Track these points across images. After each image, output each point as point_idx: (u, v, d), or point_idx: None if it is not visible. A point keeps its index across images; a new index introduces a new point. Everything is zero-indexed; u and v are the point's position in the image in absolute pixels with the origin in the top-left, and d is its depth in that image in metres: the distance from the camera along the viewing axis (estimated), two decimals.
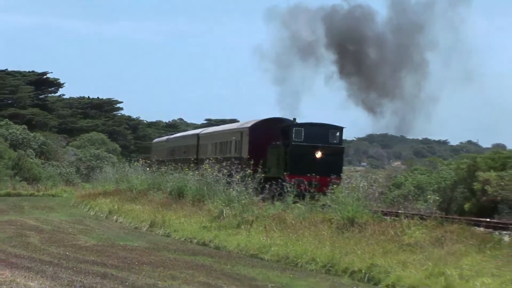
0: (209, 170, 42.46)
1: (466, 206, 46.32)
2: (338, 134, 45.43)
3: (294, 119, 47.32)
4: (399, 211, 33.05)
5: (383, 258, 24.14)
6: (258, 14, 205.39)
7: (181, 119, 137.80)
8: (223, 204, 36.41)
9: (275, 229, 30.87)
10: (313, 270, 25.56)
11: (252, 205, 35.31)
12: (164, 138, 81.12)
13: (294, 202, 34.89)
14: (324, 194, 39.91)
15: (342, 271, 24.72)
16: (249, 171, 39.51)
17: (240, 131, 52.12)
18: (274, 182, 37.98)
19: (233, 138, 52.90)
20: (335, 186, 33.47)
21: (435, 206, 42.83)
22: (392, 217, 30.14)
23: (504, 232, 25.39)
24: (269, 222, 31.98)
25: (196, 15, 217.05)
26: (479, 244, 23.33)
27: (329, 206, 31.76)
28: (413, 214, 30.98)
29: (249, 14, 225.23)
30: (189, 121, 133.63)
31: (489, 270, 20.89)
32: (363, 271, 23.91)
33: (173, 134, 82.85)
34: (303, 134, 45.03)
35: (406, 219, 27.82)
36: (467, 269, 21.22)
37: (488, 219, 32.83)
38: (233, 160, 48.43)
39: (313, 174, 40.65)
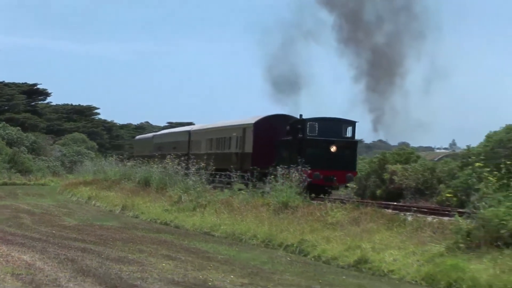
0: (170, 163, 42.18)
1: (378, 192, 46.66)
2: (351, 128, 37.39)
3: (301, 115, 39.41)
4: (324, 197, 33.17)
5: (311, 235, 24.27)
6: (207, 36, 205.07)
7: (147, 122, 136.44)
8: (182, 191, 36.22)
9: (224, 211, 30.81)
10: (255, 245, 25.55)
11: (205, 192, 35.19)
12: (150, 135, 73.13)
13: (239, 190, 34.83)
14: (337, 188, 38.43)
15: (278, 245, 24.75)
16: (203, 164, 39.09)
17: (242, 127, 43.43)
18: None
19: (234, 134, 44.49)
20: (270, 176, 31.65)
21: (353, 192, 43.10)
22: (318, 202, 30.22)
23: (408, 213, 25.53)
24: (219, 206, 31.92)
25: (159, 38, 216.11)
26: (388, 223, 23.47)
27: (268, 192, 31.71)
28: (335, 199, 31.06)
29: (203, 37, 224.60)
30: (154, 123, 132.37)
31: (396, 244, 21.06)
32: (295, 245, 23.97)
33: (159, 132, 75.35)
34: (317, 129, 36.96)
35: (330, 203, 27.89)
36: (378, 243, 21.37)
37: (395, 203, 33.05)
38: (234, 155, 43.07)
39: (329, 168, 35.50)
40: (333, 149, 36.13)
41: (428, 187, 42.95)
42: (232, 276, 17.43)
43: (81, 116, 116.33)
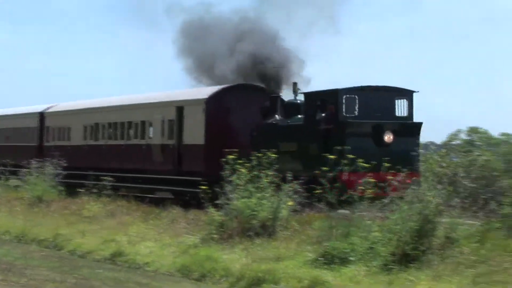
0: None
1: None
2: (406, 102, 22.96)
3: (295, 83, 25.52)
4: (81, 190, 32.29)
5: (66, 229, 23.66)
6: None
7: None
8: None
9: None
10: (8, 240, 24.51)
11: None
12: None
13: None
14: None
15: (31, 240, 23.93)
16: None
17: (177, 106, 28.16)
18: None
19: (157, 117, 29.13)
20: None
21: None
22: (74, 196, 29.48)
23: (163, 205, 25.41)
24: None
25: None
26: (144, 216, 23.48)
27: (22, 186, 30.60)
28: (92, 192, 30.30)
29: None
30: None
31: (152, 236, 20.99)
32: (50, 239, 23.30)
33: None
34: (357, 105, 22.32)
35: (86, 196, 27.39)
36: (134, 236, 21.20)
37: (150, 195, 32.41)
38: (159, 149, 28.96)
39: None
40: (388, 138, 22.03)
41: None
42: None
43: None
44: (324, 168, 17.90)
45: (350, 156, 18.36)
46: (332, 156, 18.19)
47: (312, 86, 25.67)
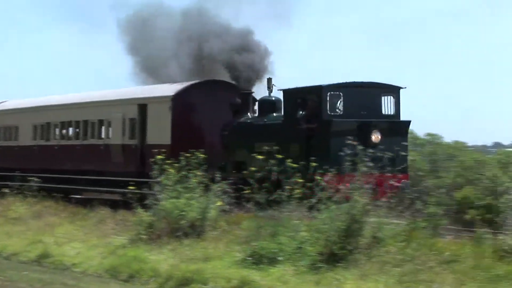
0: None
1: None
2: (393, 99, 21.48)
3: (270, 79, 23.80)
4: (6, 191, 31.55)
5: None
6: None
7: None
8: None
9: None
10: None
11: None
12: None
13: None
14: None
15: None
16: None
17: (139, 104, 26.71)
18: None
19: (117, 115, 27.40)
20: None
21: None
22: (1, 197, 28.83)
23: (92, 205, 25.09)
24: None
25: None
26: (72, 216, 23.22)
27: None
28: (18, 193, 29.68)
29: None
30: None
31: (79, 236, 20.76)
32: None
33: None
34: (341, 102, 20.97)
35: (12, 197, 26.84)
36: (61, 237, 20.90)
37: (77, 196, 31.83)
38: (119, 149, 27.38)
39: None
40: (376, 137, 20.34)
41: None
42: None
43: None
44: (252, 169, 18.26)
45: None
46: (260, 157, 18.65)
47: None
